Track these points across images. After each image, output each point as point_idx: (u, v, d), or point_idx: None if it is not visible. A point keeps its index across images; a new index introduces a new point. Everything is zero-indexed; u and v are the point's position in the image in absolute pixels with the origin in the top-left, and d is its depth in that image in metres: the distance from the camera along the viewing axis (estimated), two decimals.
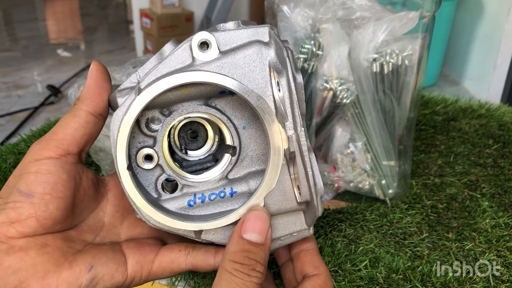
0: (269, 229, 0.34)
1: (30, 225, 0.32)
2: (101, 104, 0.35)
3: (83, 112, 0.34)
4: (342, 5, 0.53)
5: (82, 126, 0.34)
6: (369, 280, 0.49)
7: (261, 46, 0.34)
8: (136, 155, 0.36)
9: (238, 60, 0.33)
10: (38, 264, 0.32)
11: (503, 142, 0.76)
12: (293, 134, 0.34)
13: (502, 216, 0.59)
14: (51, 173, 0.33)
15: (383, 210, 0.60)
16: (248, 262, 0.32)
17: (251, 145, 0.38)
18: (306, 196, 0.35)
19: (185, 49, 0.33)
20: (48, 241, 0.33)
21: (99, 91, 0.35)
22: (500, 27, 1.75)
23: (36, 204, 0.32)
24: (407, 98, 0.58)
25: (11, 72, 2.55)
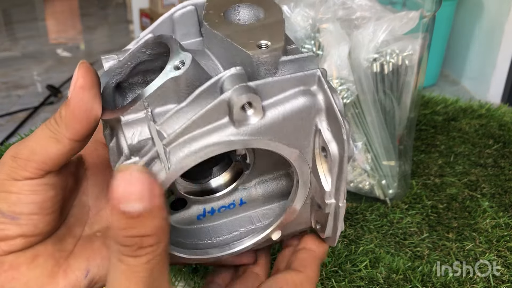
0: (153, 187, 0.23)
1: (17, 244, 0.29)
2: (88, 129, 0.28)
3: (66, 140, 0.28)
4: (342, 5, 0.53)
5: (66, 153, 0.29)
6: (369, 280, 0.49)
7: (307, 99, 0.27)
8: None
9: (282, 120, 0.27)
10: (31, 280, 0.30)
11: (504, 142, 0.76)
12: (332, 203, 0.31)
13: (503, 216, 0.58)
14: (35, 193, 0.29)
15: (383, 210, 0.60)
16: (131, 242, 0.24)
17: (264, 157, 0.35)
18: (328, 234, 0.33)
19: (221, 105, 0.26)
20: (39, 251, 0.30)
21: (87, 116, 0.28)
22: (501, 27, 1.75)
23: (24, 226, 0.29)
24: (407, 98, 0.58)
25: (11, 72, 2.55)
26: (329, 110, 0.28)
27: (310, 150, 0.29)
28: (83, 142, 0.29)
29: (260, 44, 0.27)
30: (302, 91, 0.27)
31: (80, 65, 0.28)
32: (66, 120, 0.28)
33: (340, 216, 0.32)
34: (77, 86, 0.27)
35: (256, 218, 0.36)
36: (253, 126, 0.26)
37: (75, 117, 0.28)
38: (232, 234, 0.35)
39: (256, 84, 0.26)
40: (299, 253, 0.36)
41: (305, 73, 0.27)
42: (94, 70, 0.28)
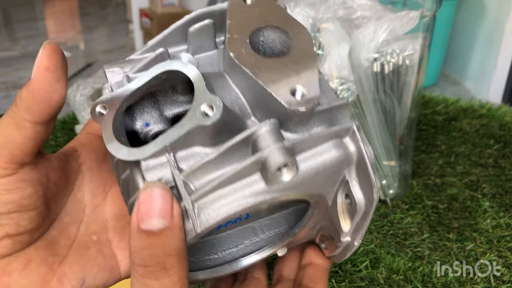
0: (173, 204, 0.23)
1: (6, 246, 0.28)
2: (50, 111, 0.27)
3: (28, 124, 0.26)
4: (343, 4, 0.53)
5: (30, 138, 0.27)
6: (369, 280, 0.49)
7: (340, 152, 0.27)
8: None
9: (314, 174, 0.26)
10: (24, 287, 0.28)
11: (504, 142, 0.76)
12: (347, 241, 0.31)
13: (503, 216, 0.58)
14: (11, 192, 0.27)
15: (384, 210, 0.60)
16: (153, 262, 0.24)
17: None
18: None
19: (256, 163, 0.25)
20: (31, 255, 0.29)
21: (50, 97, 0.26)
22: (501, 27, 1.75)
23: (5, 225, 0.28)
24: (407, 98, 0.57)
25: (11, 72, 2.54)
26: (360, 163, 0.27)
27: (332, 193, 0.28)
28: (46, 125, 0.27)
29: (294, 89, 0.25)
30: (335, 143, 0.26)
31: (46, 45, 0.26)
32: (26, 102, 0.26)
33: (352, 249, 0.32)
34: (40, 66, 0.26)
35: (260, 229, 0.35)
36: (286, 183, 0.25)
37: (35, 98, 0.26)
38: (237, 247, 0.34)
39: (293, 143, 0.25)
40: (307, 269, 0.36)
41: (340, 127, 0.26)
42: (61, 51, 0.26)
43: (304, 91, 0.25)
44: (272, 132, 0.24)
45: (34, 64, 0.26)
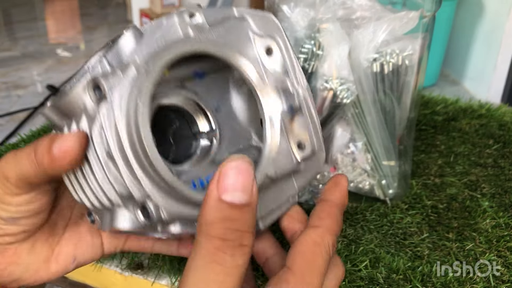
0: (254, 183, 0.24)
1: (20, 237, 0.34)
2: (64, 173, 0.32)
3: (46, 176, 0.31)
4: (342, 5, 0.53)
5: (45, 180, 0.32)
6: (369, 280, 0.49)
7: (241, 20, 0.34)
8: None
9: (225, 32, 0.33)
10: (29, 264, 0.35)
11: (504, 142, 0.76)
12: (299, 90, 0.34)
13: (503, 216, 0.58)
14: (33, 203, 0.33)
15: (383, 210, 0.60)
16: (233, 236, 0.24)
17: (226, 127, 0.37)
18: (314, 147, 0.34)
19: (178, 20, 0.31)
20: (37, 238, 0.35)
21: (66, 170, 0.31)
22: (501, 27, 1.75)
23: (24, 225, 0.34)
24: (407, 98, 0.58)
25: (11, 72, 2.55)
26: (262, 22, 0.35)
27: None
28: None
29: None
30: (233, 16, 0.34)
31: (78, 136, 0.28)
32: (46, 166, 0.30)
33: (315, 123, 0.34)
34: (67, 156, 0.29)
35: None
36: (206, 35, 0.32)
37: (54, 168, 0.29)
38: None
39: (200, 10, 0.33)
40: (316, 207, 0.34)
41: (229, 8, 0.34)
42: (86, 142, 0.29)
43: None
44: None
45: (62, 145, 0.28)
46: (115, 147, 0.28)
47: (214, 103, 0.38)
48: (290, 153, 0.34)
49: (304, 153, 0.35)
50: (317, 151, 0.35)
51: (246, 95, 0.39)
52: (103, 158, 0.29)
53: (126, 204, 0.30)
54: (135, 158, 0.28)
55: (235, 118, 0.38)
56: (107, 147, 0.28)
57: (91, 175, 0.30)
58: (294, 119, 0.34)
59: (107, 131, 0.28)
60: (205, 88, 0.37)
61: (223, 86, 0.39)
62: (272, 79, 0.34)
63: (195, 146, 0.39)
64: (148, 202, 0.28)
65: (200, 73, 0.37)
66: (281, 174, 0.34)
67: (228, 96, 0.39)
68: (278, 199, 0.35)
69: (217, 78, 0.38)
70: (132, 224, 0.30)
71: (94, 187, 0.31)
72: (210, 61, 0.35)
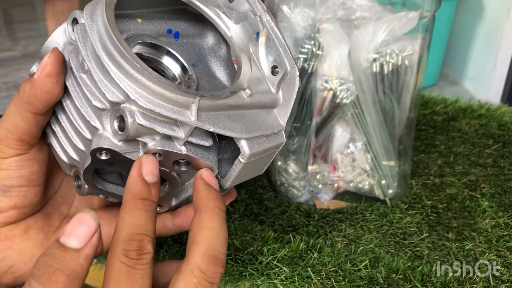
0: (91, 236, 0.27)
1: (12, 215, 0.34)
2: (48, 106, 0.32)
3: (30, 114, 0.32)
4: (342, 5, 0.53)
5: (33, 124, 0.32)
6: (369, 280, 0.49)
7: None
8: None
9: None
10: (24, 249, 0.34)
11: (503, 142, 0.76)
12: (261, 15, 0.36)
13: (502, 216, 0.59)
14: (22, 168, 0.33)
15: (383, 210, 0.60)
16: (44, 269, 0.26)
17: (204, 80, 0.38)
18: (286, 67, 0.35)
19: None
20: (30, 224, 0.35)
21: (49, 96, 0.31)
22: (500, 27, 1.75)
23: (14, 197, 0.33)
24: (407, 98, 0.58)
25: (11, 72, 2.55)
26: None
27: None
28: (45, 115, 0.33)
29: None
30: None
31: (52, 52, 0.31)
32: (29, 97, 0.31)
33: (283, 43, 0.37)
34: (43, 72, 0.30)
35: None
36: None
37: (36, 96, 0.31)
38: None
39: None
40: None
41: None
42: (62, 58, 0.31)
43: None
44: None
45: (39, 66, 0.31)
46: (89, 56, 0.30)
47: (190, 60, 0.38)
48: (265, 80, 0.36)
49: (278, 76, 0.35)
50: (290, 70, 0.36)
51: (222, 58, 0.40)
52: (78, 76, 0.30)
53: (104, 124, 0.30)
54: (107, 56, 0.29)
55: (214, 76, 0.39)
56: (81, 62, 0.30)
57: (70, 105, 0.32)
58: (263, 45, 0.36)
59: (81, 46, 0.30)
60: (181, 48, 0.38)
61: (198, 51, 0.39)
62: (236, 17, 0.36)
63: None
64: (124, 108, 0.29)
65: (175, 32, 0.37)
66: (259, 101, 0.34)
67: (204, 59, 0.39)
68: (262, 127, 0.34)
69: (192, 43, 0.39)
70: (109, 143, 0.30)
71: (74, 118, 0.32)
72: (183, 24, 0.38)
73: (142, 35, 0.36)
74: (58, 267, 0.26)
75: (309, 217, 0.59)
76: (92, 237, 0.27)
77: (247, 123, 0.33)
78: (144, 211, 0.29)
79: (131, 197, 0.29)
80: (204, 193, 0.31)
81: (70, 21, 0.32)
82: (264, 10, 0.36)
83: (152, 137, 0.30)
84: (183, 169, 0.33)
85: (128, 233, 0.28)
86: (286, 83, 0.36)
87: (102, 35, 0.29)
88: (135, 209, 0.29)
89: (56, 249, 0.26)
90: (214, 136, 0.33)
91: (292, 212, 0.59)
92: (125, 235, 0.28)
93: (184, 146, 0.31)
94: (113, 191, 0.35)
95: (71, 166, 0.34)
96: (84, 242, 0.27)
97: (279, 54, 0.36)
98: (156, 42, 0.36)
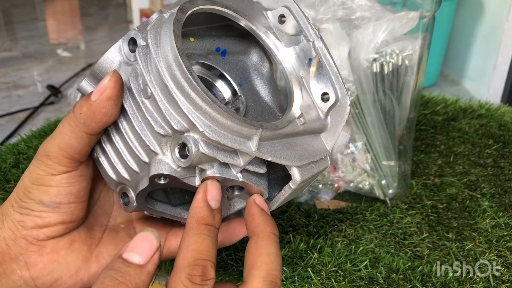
0: (153, 254, 0.28)
1: (58, 230, 0.34)
2: (103, 127, 0.32)
3: (85, 135, 0.32)
4: (342, 5, 0.53)
5: (86, 144, 0.33)
6: (369, 280, 0.49)
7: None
8: None
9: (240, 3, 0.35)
10: (69, 262, 0.35)
11: (503, 142, 0.76)
12: (314, 41, 0.35)
13: (502, 216, 0.59)
14: (72, 185, 0.34)
15: (383, 210, 0.60)
16: (110, 282, 0.27)
17: (250, 99, 0.38)
18: (337, 95, 0.35)
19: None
20: (74, 237, 0.35)
21: (106, 119, 0.31)
22: (500, 27, 1.75)
23: (63, 213, 0.34)
24: (407, 98, 0.58)
25: (11, 72, 2.55)
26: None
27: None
28: (98, 135, 0.33)
29: None
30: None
31: (112, 75, 0.31)
32: (86, 119, 0.31)
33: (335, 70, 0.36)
34: (104, 95, 0.30)
35: None
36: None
37: (94, 118, 0.31)
38: None
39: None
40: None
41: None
42: (122, 82, 0.31)
43: None
44: None
45: (98, 88, 0.31)
46: (153, 82, 0.29)
47: (236, 79, 0.39)
48: (315, 107, 0.36)
49: (329, 103, 0.36)
50: (340, 98, 0.36)
51: (266, 76, 0.41)
52: (140, 100, 0.30)
53: (164, 149, 0.31)
54: (176, 86, 0.29)
55: (258, 95, 0.40)
56: (144, 87, 0.30)
57: (127, 127, 0.32)
58: (314, 72, 0.36)
59: (144, 70, 0.30)
60: (227, 66, 0.38)
61: (243, 68, 0.40)
62: (288, 40, 0.36)
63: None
64: (187, 136, 0.29)
65: (223, 50, 0.38)
66: (309, 127, 0.35)
67: (249, 77, 0.40)
68: (312, 154, 0.35)
69: (237, 61, 0.40)
70: (169, 169, 0.31)
71: (131, 141, 0.32)
72: (230, 42, 0.38)
73: (194, 55, 0.36)
74: (122, 280, 0.27)
75: (309, 217, 0.59)
76: (154, 255, 0.28)
77: (299, 150, 0.34)
78: (208, 236, 0.30)
79: (195, 221, 0.30)
80: (260, 220, 0.32)
81: (127, 41, 0.32)
82: (317, 36, 0.36)
83: (211, 164, 0.31)
84: (236, 193, 0.34)
85: (193, 258, 0.28)
86: (336, 110, 0.36)
87: (170, 65, 0.29)
88: (200, 234, 0.29)
89: (120, 264, 0.27)
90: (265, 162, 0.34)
91: (292, 212, 0.59)
92: (190, 259, 0.28)
93: (241, 173, 0.32)
94: (161, 210, 0.36)
95: (118, 183, 0.34)
96: (146, 258, 0.28)
97: (331, 82, 0.36)
98: (211, 63, 0.37)
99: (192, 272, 0.28)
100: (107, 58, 0.32)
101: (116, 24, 3.48)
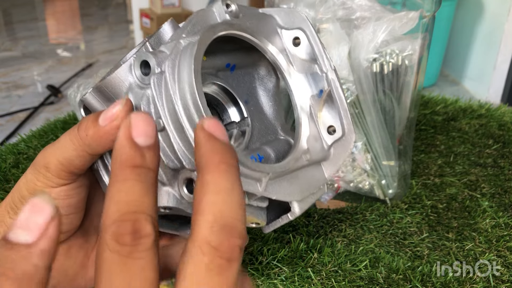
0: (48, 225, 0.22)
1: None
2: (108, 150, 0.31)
3: (88, 155, 0.31)
4: (342, 5, 0.53)
5: (88, 162, 0.32)
6: (369, 280, 0.49)
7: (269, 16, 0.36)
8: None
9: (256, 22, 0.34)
10: (68, 269, 0.34)
11: (503, 142, 0.76)
12: (327, 72, 0.35)
13: (502, 216, 0.59)
14: (71, 197, 0.33)
15: (383, 210, 0.60)
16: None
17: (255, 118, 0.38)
18: (344, 130, 0.35)
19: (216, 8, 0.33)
20: (72, 242, 0.35)
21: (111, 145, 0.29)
22: (500, 27, 1.75)
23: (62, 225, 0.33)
24: (407, 98, 0.58)
25: (11, 72, 2.55)
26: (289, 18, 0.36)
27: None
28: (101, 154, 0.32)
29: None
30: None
31: (125, 104, 0.28)
32: (91, 141, 0.30)
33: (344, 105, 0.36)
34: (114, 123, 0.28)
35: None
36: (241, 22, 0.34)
37: (100, 143, 0.30)
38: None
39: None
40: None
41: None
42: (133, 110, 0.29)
43: None
44: None
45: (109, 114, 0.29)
46: (167, 116, 0.28)
47: (243, 96, 0.39)
48: (320, 139, 0.36)
49: (334, 137, 0.36)
50: (347, 133, 0.36)
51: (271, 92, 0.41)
52: None
53: (171, 181, 0.30)
54: (192, 128, 0.28)
55: (263, 112, 0.39)
56: (157, 119, 0.29)
57: None
58: (323, 103, 0.36)
59: (158, 101, 0.28)
60: (235, 81, 0.38)
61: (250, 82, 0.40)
62: (300, 65, 0.36)
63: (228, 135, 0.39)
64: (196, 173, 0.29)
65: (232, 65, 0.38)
66: (313, 159, 0.35)
67: (255, 91, 0.40)
68: (312, 186, 0.35)
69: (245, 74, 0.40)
70: (175, 201, 0.30)
71: None
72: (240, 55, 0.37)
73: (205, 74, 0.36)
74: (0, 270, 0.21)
75: (309, 217, 0.59)
76: (48, 227, 0.21)
77: (301, 183, 0.34)
78: (137, 181, 0.22)
79: (118, 165, 0.23)
80: (206, 148, 0.24)
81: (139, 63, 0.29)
82: (331, 68, 0.36)
83: None
84: None
85: (118, 211, 0.21)
86: (340, 143, 0.36)
87: (188, 106, 0.27)
88: (125, 180, 0.22)
89: (0, 248, 0.20)
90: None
91: None
92: (115, 215, 0.22)
93: None
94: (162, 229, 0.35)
95: None
96: (37, 234, 0.21)
97: (339, 116, 0.36)
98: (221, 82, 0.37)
99: (118, 231, 0.21)
100: (117, 77, 0.31)
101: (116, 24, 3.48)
